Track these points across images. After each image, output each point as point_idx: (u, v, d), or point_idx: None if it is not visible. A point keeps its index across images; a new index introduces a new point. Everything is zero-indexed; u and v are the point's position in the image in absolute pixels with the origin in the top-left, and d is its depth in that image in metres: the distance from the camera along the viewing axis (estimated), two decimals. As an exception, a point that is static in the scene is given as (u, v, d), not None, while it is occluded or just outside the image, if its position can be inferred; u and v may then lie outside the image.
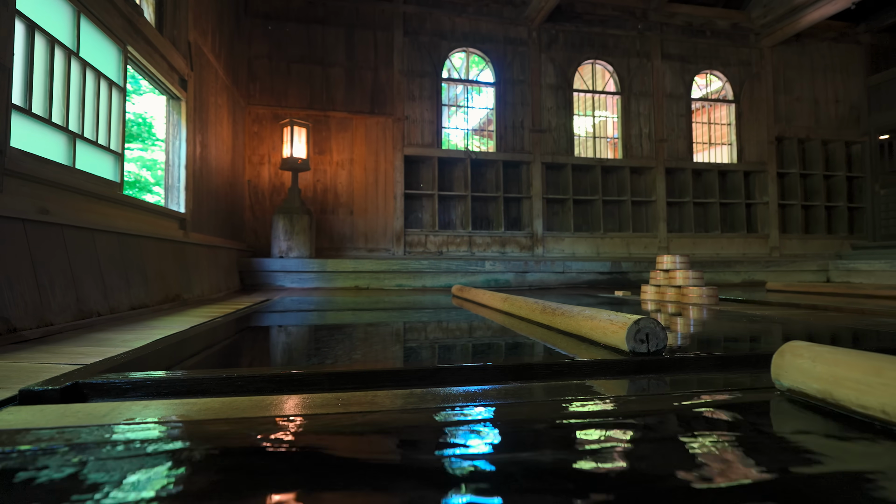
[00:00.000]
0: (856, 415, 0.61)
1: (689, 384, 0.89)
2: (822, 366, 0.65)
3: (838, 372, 0.63)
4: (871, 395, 0.58)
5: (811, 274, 5.15)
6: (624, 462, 0.48)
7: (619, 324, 1.04)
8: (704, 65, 6.01)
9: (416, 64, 5.34)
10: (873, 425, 0.58)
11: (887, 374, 0.57)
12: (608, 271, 4.69)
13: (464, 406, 0.68)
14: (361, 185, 5.17)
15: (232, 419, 0.62)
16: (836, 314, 2.17)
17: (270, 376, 0.83)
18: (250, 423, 0.60)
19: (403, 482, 0.43)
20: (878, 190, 6.20)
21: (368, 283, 4.34)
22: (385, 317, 2.13)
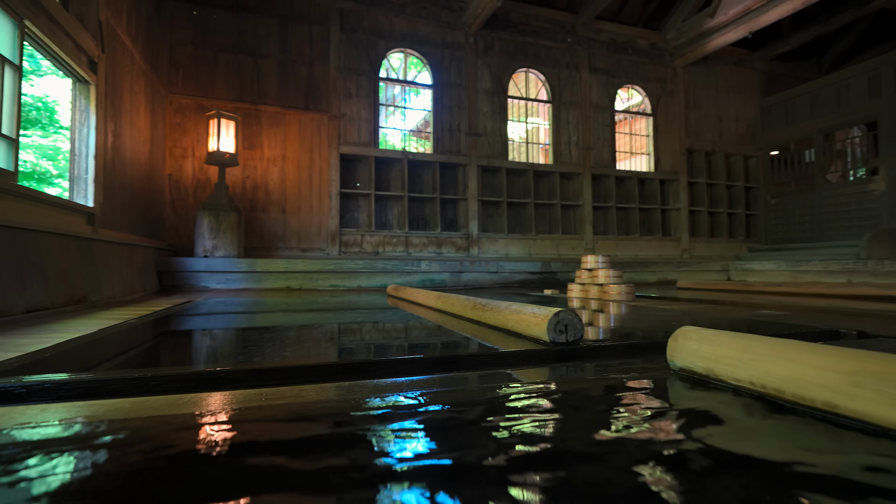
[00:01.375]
0: (731, 386, 0.70)
1: (601, 369, 0.97)
2: (706, 346, 0.75)
3: (718, 351, 0.72)
4: (741, 369, 0.67)
5: (715, 273, 5.72)
6: (538, 434, 0.53)
7: (541, 316, 1.11)
8: (627, 79, 6.47)
9: (353, 61, 5.27)
10: (740, 392, 0.67)
11: (755, 351, 0.67)
12: (539, 271, 4.90)
13: (390, 395, 0.70)
14: (295, 182, 5.01)
15: (144, 417, 0.60)
16: (731, 307, 2.44)
17: (189, 375, 0.80)
18: (163, 420, 0.58)
19: (323, 462, 0.44)
20: (770, 199, 7.00)
21: (301, 284, 4.21)
22: (318, 318, 2.09)
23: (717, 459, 0.46)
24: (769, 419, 0.58)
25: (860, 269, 4.47)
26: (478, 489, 0.39)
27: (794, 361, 0.61)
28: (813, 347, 0.61)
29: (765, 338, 0.68)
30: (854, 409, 0.54)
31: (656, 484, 0.40)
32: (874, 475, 0.42)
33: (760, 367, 0.65)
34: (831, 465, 0.44)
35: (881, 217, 5.66)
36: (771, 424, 0.56)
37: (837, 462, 0.45)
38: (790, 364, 0.61)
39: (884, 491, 0.39)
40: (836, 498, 0.38)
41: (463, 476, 0.42)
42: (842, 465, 0.44)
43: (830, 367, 0.57)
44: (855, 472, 0.43)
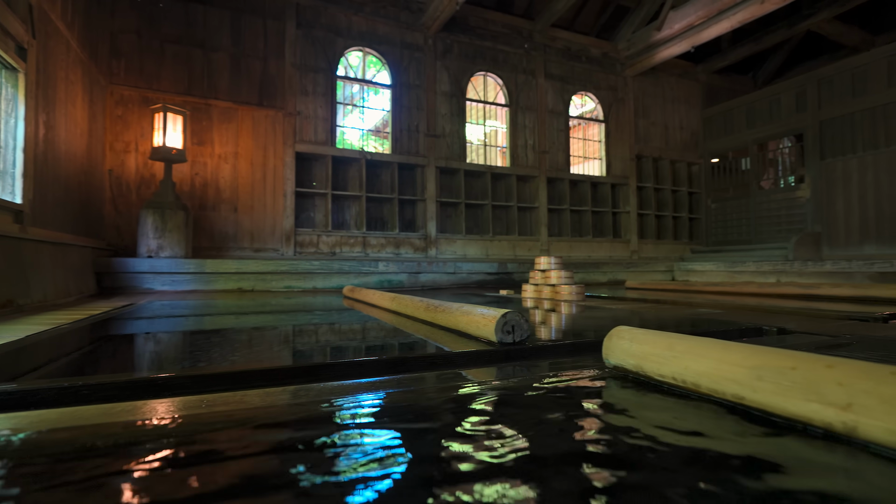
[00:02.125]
0: (656, 381, 0.76)
1: (544, 367, 1.01)
2: (636, 345, 0.80)
3: (646, 349, 0.77)
4: (665, 365, 0.73)
5: (660, 273, 6.03)
6: (482, 429, 0.55)
7: (489, 317, 1.15)
8: (580, 86, 6.69)
9: (309, 58, 5.17)
10: (661, 387, 0.72)
11: (677, 349, 0.73)
12: (495, 272, 4.99)
13: (338, 399, 0.70)
14: (247, 180, 4.85)
15: (73, 427, 0.58)
16: (672, 306, 2.59)
17: (125, 383, 0.77)
18: (95, 430, 0.56)
19: (256, 470, 0.45)
20: (710, 204, 7.45)
21: (254, 286, 4.08)
22: (270, 320, 2.04)
23: (621, 439, 0.50)
24: (682, 410, 0.63)
25: (788, 269, 4.84)
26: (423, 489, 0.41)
27: (709, 358, 0.67)
28: (725, 345, 0.67)
29: (686, 336, 0.74)
30: (757, 400, 0.60)
31: (583, 461, 0.44)
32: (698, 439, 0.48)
33: (681, 363, 0.70)
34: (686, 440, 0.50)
35: (806, 222, 6.15)
36: (687, 415, 0.62)
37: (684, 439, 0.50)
38: (706, 360, 0.67)
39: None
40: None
41: (407, 479, 0.44)
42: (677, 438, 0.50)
43: (738, 362, 0.63)
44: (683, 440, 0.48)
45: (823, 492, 0.41)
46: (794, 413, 0.56)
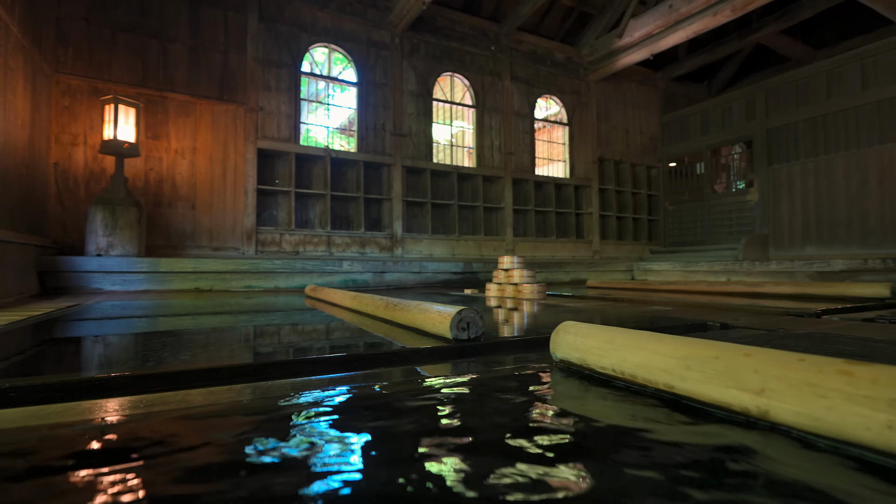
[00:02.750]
0: (598, 373, 0.79)
1: (496, 362, 1.03)
2: (581, 339, 0.83)
3: (589, 343, 0.81)
4: (606, 358, 0.76)
5: (621, 273, 6.22)
6: (428, 421, 0.56)
7: (445, 315, 1.16)
8: (545, 89, 6.82)
9: (272, 53, 5.05)
10: (602, 379, 0.76)
11: (616, 342, 0.76)
12: (461, 271, 5.02)
13: (285, 398, 0.70)
14: (206, 177, 4.69)
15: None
16: (629, 304, 2.68)
17: (58, 384, 0.74)
18: (17, 434, 0.53)
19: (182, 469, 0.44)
20: (668, 206, 7.75)
21: (212, 285, 3.96)
22: (229, 320, 1.99)
23: (556, 425, 0.52)
24: (617, 398, 0.67)
25: (737, 269, 5.10)
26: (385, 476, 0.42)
27: (645, 350, 0.70)
28: (659, 337, 0.71)
29: (625, 330, 0.78)
30: (685, 388, 0.63)
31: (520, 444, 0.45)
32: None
33: (620, 355, 0.73)
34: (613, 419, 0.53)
35: (755, 224, 6.50)
36: (621, 402, 0.65)
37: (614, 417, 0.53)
38: (641, 352, 0.71)
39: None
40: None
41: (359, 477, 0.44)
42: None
43: (669, 353, 0.67)
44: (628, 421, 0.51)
45: (734, 469, 0.44)
46: (716, 399, 0.59)
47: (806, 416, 0.50)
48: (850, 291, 2.65)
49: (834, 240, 5.64)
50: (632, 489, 0.40)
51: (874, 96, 5.33)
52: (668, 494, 0.39)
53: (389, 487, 0.39)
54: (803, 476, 0.43)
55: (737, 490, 0.40)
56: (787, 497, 0.39)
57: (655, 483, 0.41)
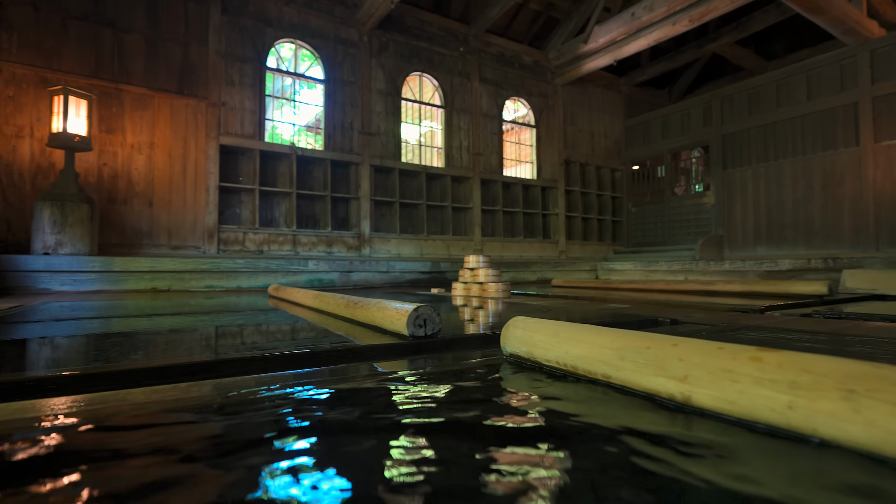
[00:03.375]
0: (544, 366, 0.82)
1: (451, 358, 1.05)
2: (528, 333, 0.86)
3: (535, 337, 0.83)
4: (550, 351, 0.79)
5: (585, 273, 6.38)
6: (382, 415, 0.57)
7: (402, 312, 1.17)
8: (513, 91, 6.92)
9: (236, 47, 4.92)
10: (548, 371, 0.79)
11: (560, 335, 0.79)
12: (429, 271, 5.03)
13: (230, 393, 0.69)
14: (165, 173, 4.53)
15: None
16: (589, 302, 2.76)
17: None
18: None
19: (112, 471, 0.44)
20: (631, 208, 8.00)
21: (170, 285, 3.82)
22: (187, 321, 1.93)
23: (501, 412, 0.55)
24: (558, 387, 0.69)
25: (694, 268, 5.32)
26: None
27: (585, 342, 0.74)
28: (599, 330, 0.74)
29: (569, 324, 0.81)
30: (620, 377, 0.67)
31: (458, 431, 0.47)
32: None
33: (563, 348, 0.77)
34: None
35: (711, 225, 6.79)
36: (561, 391, 0.68)
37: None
38: (582, 345, 0.74)
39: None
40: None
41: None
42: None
43: (607, 345, 0.70)
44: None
45: (654, 455, 0.47)
46: (647, 387, 0.63)
47: (722, 400, 0.54)
48: (793, 289, 2.81)
49: (782, 241, 5.97)
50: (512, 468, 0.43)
51: (818, 106, 5.66)
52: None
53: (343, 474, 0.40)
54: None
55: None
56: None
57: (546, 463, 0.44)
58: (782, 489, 0.38)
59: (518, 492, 0.38)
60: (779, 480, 0.40)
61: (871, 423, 0.43)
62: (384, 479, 0.41)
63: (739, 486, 0.39)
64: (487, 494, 0.38)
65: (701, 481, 0.40)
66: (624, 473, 0.42)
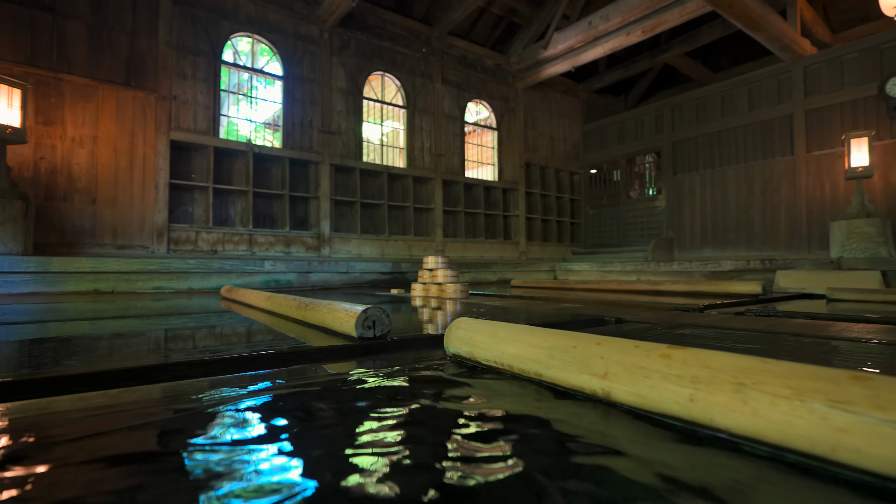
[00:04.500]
0: (483, 365, 0.84)
1: (398, 359, 1.07)
2: (469, 334, 0.88)
3: (476, 337, 0.86)
4: (489, 351, 0.82)
5: (544, 273, 6.54)
6: (326, 411, 0.58)
7: (351, 313, 1.17)
8: (475, 94, 7.00)
9: (189, 39, 4.73)
10: (487, 370, 0.81)
11: (498, 336, 0.82)
12: (390, 271, 5.02)
13: (163, 399, 0.68)
14: (110, 169, 4.30)
15: None
16: (544, 302, 2.84)
17: None
18: None
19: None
20: (589, 210, 8.26)
21: (114, 287, 3.64)
22: (131, 324, 1.85)
23: (436, 408, 0.56)
24: (493, 385, 0.72)
25: (646, 269, 5.56)
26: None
27: (520, 342, 0.77)
28: (533, 330, 0.78)
29: (507, 324, 0.84)
30: (549, 375, 0.70)
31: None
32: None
33: (500, 348, 0.80)
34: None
35: (662, 228, 7.11)
36: (495, 388, 0.70)
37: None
38: (517, 344, 0.77)
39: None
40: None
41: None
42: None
43: (539, 344, 0.73)
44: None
45: (580, 436, 0.50)
46: (573, 384, 0.67)
47: (636, 395, 0.58)
48: (731, 289, 2.99)
49: (726, 243, 6.32)
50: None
51: (758, 117, 6.04)
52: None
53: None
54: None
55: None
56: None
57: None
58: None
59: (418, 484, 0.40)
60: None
61: (756, 412, 0.47)
62: (311, 473, 0.42)
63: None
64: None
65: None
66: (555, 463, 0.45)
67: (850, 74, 5.32)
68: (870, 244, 4.33)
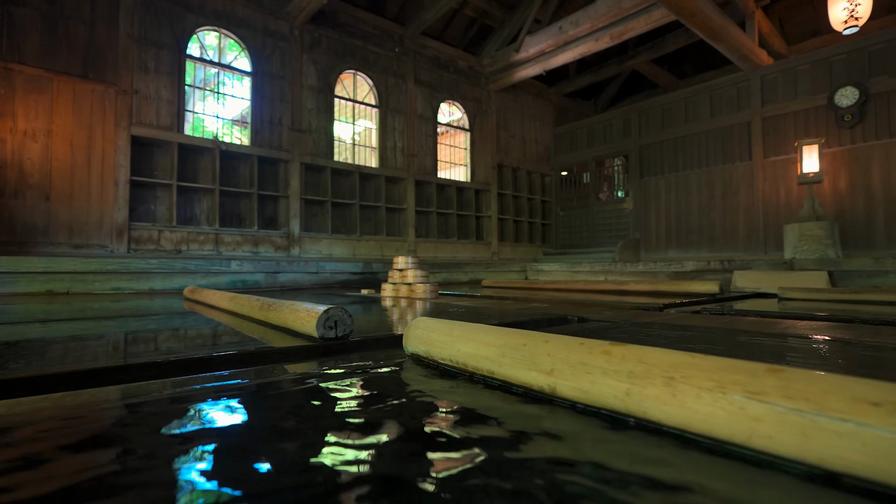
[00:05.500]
0: (440, 364, 0.86)
1: (359, 359, 1.07)
2: (427, 333, 0.90)
3: (433, 336, 0.87)
4: (445, 349, 0.83)
5: (515, 273, 6.63)
6: (283, 412, 0.57)
7: (313, 314, 1.17)
8: (448, 95, 7.02)
9: (152, 31, 4.58)
10: (443, 368, 0.83)
11: (454, 335, 0.84)
12: (361, 272, 4.98)
13: (116, 404, 0.66)
14: (66, 164, 4.12)
15: None
16: (513, 302, 2.88)
17: None
18: None
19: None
20: (559, 211, 8.41)
21: (70, 287, 3.48)
22: (86, 327, 1.78)
23: (392, 406, 0.57)
24: (447, 383, 0.74)
25: (613, 269, 5.71)
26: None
27: (474, 341, 0.79)
28: (487, 329, 0.80)
29: (462, 323, 0.86)
30: (501, 372, 0.72)
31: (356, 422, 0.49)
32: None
33: (455, 347, 0.81)
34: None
35: (629, 229, 7.31)
36: (449, 386, 0.72)
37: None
38: (472, 343, 0.79)
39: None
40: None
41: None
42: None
43: (492, 342, 0.75)
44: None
45: (526, 431, 0.52)
46: (522, 381, 0.69)
47: (578, 391, 0.61)
48: (691, 288, 3.11)
49: (689, 244, 6.56)
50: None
51: (719, 123, 6.29)
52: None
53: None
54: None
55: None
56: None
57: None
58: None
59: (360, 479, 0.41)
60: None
61: (683, 404, 0.50)
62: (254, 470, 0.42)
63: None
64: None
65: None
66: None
67: (802, 84, 5.61)
68: (819, 246, 4.58)
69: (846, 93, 5.21)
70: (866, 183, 5.12)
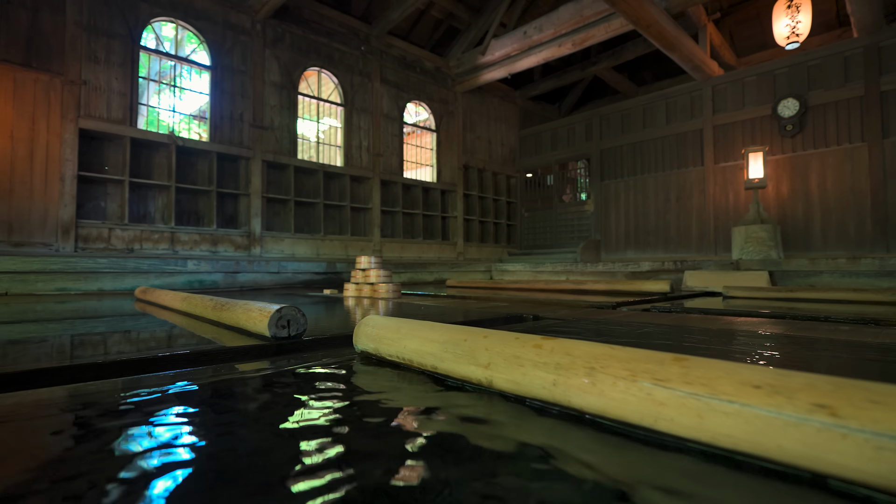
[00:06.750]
0: (388, 360, 0.88)
1: (311, 358, 1.07)
2: (376, 331, 0.92)
3: (381, 334, 0.90)
4: (392, 346, 0.86)
5: (480, 273, 6.71)
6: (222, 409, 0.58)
7: (265, 313, 1.16)
8: (415, 95, 7.03)
9: (102, 20, 4.37)
10: (391, 364, 0.85)
11: (401, 332, 0.86)
12: (324, 271, 4.93)
13: (52, 405, 0.65)
14: (5, 157, 3.88)
15: None
16: (475, 301, 2.92)
17: None
18: None
19: None
20: (524, 213, 8.56)
21: (8, 288, 3.29)
22: (33, 330, 1.69)
23: (339, 400, 0.59)
24: (393, 378, 0.76)
25: (574, 269, 5.87)
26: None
27: (419, 338, 0.81)
28: (432, 326, 0.83)
29: (409, 321, 0.88)
30: (444, 367, 0.75)
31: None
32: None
33: (401, 343, 0.84)
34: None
35: (591, 231, 7.53)
36: (392, 381, 0.74)
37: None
38: (417, 340, 0.81)
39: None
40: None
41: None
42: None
43: (435, 339, 0.78)
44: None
45: (469, 416, 0.55)
46: (462, 375, 0.72)
47: (511, 382, 0.64)
48: (644, 287, 3.25)
49: (646, 245, 6.82)
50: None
51: (674, 130, 6.58)
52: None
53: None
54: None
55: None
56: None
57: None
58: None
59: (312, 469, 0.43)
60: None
61: (602, 392, 0.54)
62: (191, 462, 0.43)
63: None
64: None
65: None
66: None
67: (749, 95, 5.94)
68: (763, 247, 4.87)
69: (788, 104, 5.55)
70: (805, 189, 5.48)
